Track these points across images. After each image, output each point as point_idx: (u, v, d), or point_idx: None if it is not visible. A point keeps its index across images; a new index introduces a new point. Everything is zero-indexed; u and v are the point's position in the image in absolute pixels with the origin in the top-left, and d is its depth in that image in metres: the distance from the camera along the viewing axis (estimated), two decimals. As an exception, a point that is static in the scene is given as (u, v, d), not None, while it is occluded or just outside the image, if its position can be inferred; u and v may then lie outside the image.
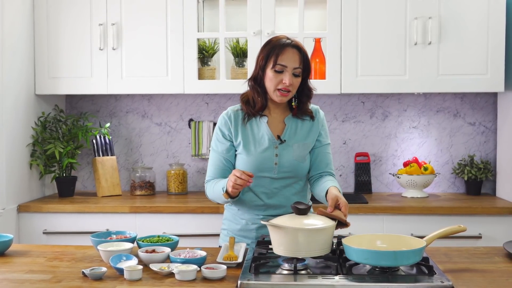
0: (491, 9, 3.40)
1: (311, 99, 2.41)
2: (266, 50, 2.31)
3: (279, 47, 2.28)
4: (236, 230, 2.44)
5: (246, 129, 2.37)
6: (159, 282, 1.86)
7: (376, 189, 3.86)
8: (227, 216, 2.51)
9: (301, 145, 2.36)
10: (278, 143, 2.35)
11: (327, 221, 2.00)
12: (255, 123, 2.38)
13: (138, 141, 3.99)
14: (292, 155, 2.34)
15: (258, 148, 2.34)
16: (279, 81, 2.28)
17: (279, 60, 2.27)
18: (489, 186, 3.80)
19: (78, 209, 3.40)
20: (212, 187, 2.36)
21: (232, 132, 2.37)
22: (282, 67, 2.27)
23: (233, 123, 2.38)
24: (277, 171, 2.34)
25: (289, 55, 2.28)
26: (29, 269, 2.04)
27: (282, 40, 2.32)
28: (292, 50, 2.29)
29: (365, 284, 1.79)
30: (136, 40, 3.56)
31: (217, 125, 2.43)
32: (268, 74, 2.30)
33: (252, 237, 2.40)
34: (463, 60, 3.43)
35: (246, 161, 2.34)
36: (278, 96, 2.30)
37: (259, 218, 2.37)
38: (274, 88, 2.30)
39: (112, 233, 2.30)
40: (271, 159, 2.34)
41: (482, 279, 1.90)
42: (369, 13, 3.46)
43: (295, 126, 2.39)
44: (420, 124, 3.85)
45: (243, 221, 2.42)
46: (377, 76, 3.47)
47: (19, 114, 3.46)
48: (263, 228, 2.37)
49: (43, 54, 3.61)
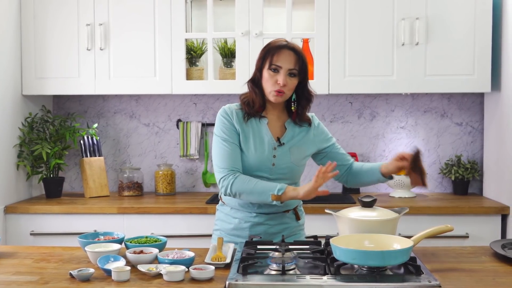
0: (478, 10, 3.42)
1: (311, 103, 2.43)
2: (263, 52, 2.35)
3: (275, 48, 2.32)
4: (229, 230, 2.44)
5: (247, 127, 2.39)
6: (147, 283, 1.86)
7: (364, 189, 3.87)
8: (219, 216, 2.52)
9: (297, 149, 2.40)
10: (277, 145, 2.37)
11: (391, 214, 2.09)
12: (256, 123, 2.40)
13: (126, 141, 3.97)
14: (289, 158, 2.37)
15: (257, 147, 2.36)
16: (274, 81, 2.31)
17: (274, 60, 2.30)
18: (476, 186, 3.83)
19: (65, 210, 3.38)
20: (254, 184, 2.27)
21: (235, 126, 2.38)
22: (277, 67, 2.30)
23: (234, 118, 2.38)
24: (273, 172, 2.37)
25: (284, 56, 2.31)
26: (16, 271, 2.03)
27: (279, 42, 2.35)
28: (287, 51, 2.32)
29: (353, 284, 1.80)
30: (123, 40, 3.55)
31: (220, 116, 2.39)
32: (264, 74, 2.33)
33: (245, 236, 2.41)
34: (450, 61, 3.45)
35: (244, 159, 2.35)
36: (273, 95, 2.33)
37: (252, 216, 2.40)
38: (270, 88, 2.32)
39: (100, 234, 2.30)
40: (269, 160, 2.36)
41: (469, 278, 1.91)
42: (356, 13, 3.47)
43: (294, 131, 2.42)
44: (408, 124, 3.87)
45: (236, 220, 2.43)
46: (365, 76, 3.49)
47: (6, 114, 3.43)
48: (256, 227, 2.40)
49: (30, 54, 3.59)
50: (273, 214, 2.41)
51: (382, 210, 2.12)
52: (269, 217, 2.41)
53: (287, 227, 2.44)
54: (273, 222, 2.42)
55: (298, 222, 2.49)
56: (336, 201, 3.43)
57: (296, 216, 2.48)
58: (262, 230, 2.40)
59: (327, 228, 3.01)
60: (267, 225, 2.41)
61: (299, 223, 2.50)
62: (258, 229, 2.41)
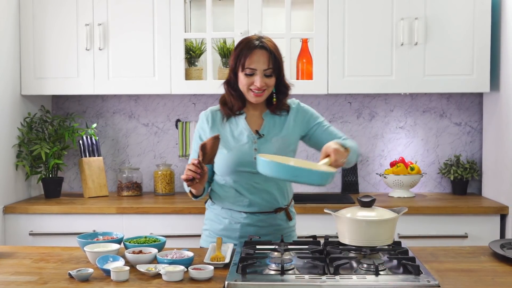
0: (477, 10, 3.42)
1: (288, 96, 2.42)
2: (236, 54, 2.32)
3: (247, 50, 2.29)
4: (218, 230, 2.43)
5: (225, 127, 2.39)
6: (146, 283, 1.86)
7: (363, 189, 3.88)
8: (209, 216, 2.50)
9: (279, 139, 2.37)
10: (257, 138, 2.36)
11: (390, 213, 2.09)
12: (234, 121, 2.40)
13: (125, 141, 3.97)
14: (272, 148, 2.34)
15: (237, 143, 2.35)
16: (250, 83, 2.30)
17: (247, 63, 2.28)
18: (475, 186, 3.83)
19: (64, 210, 3.38)
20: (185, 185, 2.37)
21: (208, 131, 2.39)
22: (252, 70, 2.29)
23: (210, 123, 2.41)
24: (256, 165, 2.33)
25: (257, 57, 2.29)
26: (15, 271, 2.03)
27: (251, 42, 2.32)
28: (260, 51, 2.29)
29: (352, 284, 1.80)
30: (122, 40, 3.55)
31: (197, 124, 2.46)
32: (240, 77, 2.32)
33: (235, 236, 2.39)
34: (449, 61, 3.45)
35: (225, 157, 2.34)
36: (253, 97, 2.32)
37: (243, 217, 2.38)
38: (247, 89, 2.31)
39: (99, 234, 2.30)
40: (250, 153, 2.34)
41: (468, 278, 1.91)
42: (355, 13, 3.47)
43: (273, 121, 2.41)
44: (407, 124, 3.87)
45: (226, 221, 2.41)
46: (364, 76, 3.49)
47: (5, 114, 3.43)
48: (247, 227, 2.38)
49: (29, 54, 3.59)
50: (264, 214, 2.38)
51: (381, 210, 2.12)
52: (260, 218, 2.38)
53: (278, 228, 2.42)
54: (263, 223, 2.39)
55: (289, 223, 2.46)
56: (335, 201, 3.43)
57: (287, 217, 2.45)
58: (253, 231, 2.37)
59: (326, 228, 3.01)
60: (258, 226, 2.38)
61: (290, 224, 2.47)
62: (248, 230, 2.38)
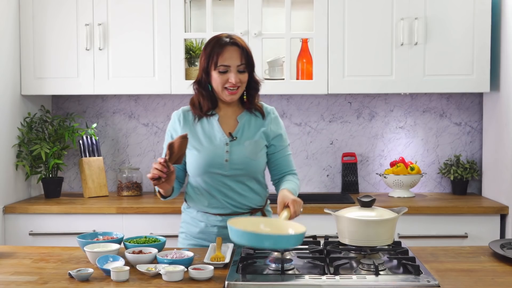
0: (477, 10, 3.42)
1: (259, 91, 2.42)
2: (207, 52, 2.32)
3: (218, 47, 2.29)
4: (195, 233, 2.41)
5: (197, 127, 2.39)
6: (146, 283, 1.86)
7: (363, 189, 3.88)
8: (185, 219, 2.49)
9: (252, 143, 2.36)
10: (229, 140, 2.35)
11: (390, 213, 2.08)
12: (206, 121, 2.40)
13: (125, 141, 3.97)
14: (244, 152, 2.34)
15: (209, 145, 2.34)
16: (225, 81, 2.29)
17: (220, 61, 2.28)
18: (475, 185, 3.83)
19: (64, 210, 3.38)
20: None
21: (179, 131, 2.38)
22: (226, 67, 2.29)
23: (182, 122, 2.40)
24: (228, 168, 2.33)
25: (230, 54, 2.29)
26: (15, 271, 2.03)
27: (221, 39, 2.32)
28: (232, 48, 2.30)
29: (352, 284, 1.80)
30: (122, 40, 3.55)
31: (169, 124, 2.45)
32: (213, 75, 2.31)
33: (211, 239, 2.36)
34: (449, 61, 3.45)
35: (197, 158, 2.34)
36: (228, 95, 2.32)
37: (218, 220, 2.36)
38: (221, 87, 2.31)
39: (99, 234, 2.30)
40: (222, 156, 2.33)
41: (468, 278, 1.91)
42: (355, 13, 3.47)
43: (248, 124, 2.40)
44: (407, 124, 3.87)
45: (202, 224, 2.40)
46: (364, 76, 3.49)
47: (5, 114, 3.43)
48: (223, 230, 2.30)
49: (29, 54, 3.59)
50: (239, 216, 2.33)
51: (381, 210, 2.12)
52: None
53: None
54: None
55: None
56: (335, 201, 3.43)
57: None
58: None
59: (326, 228, 3.01)
60: None
61: None
62: (225, 232, 2.28)
